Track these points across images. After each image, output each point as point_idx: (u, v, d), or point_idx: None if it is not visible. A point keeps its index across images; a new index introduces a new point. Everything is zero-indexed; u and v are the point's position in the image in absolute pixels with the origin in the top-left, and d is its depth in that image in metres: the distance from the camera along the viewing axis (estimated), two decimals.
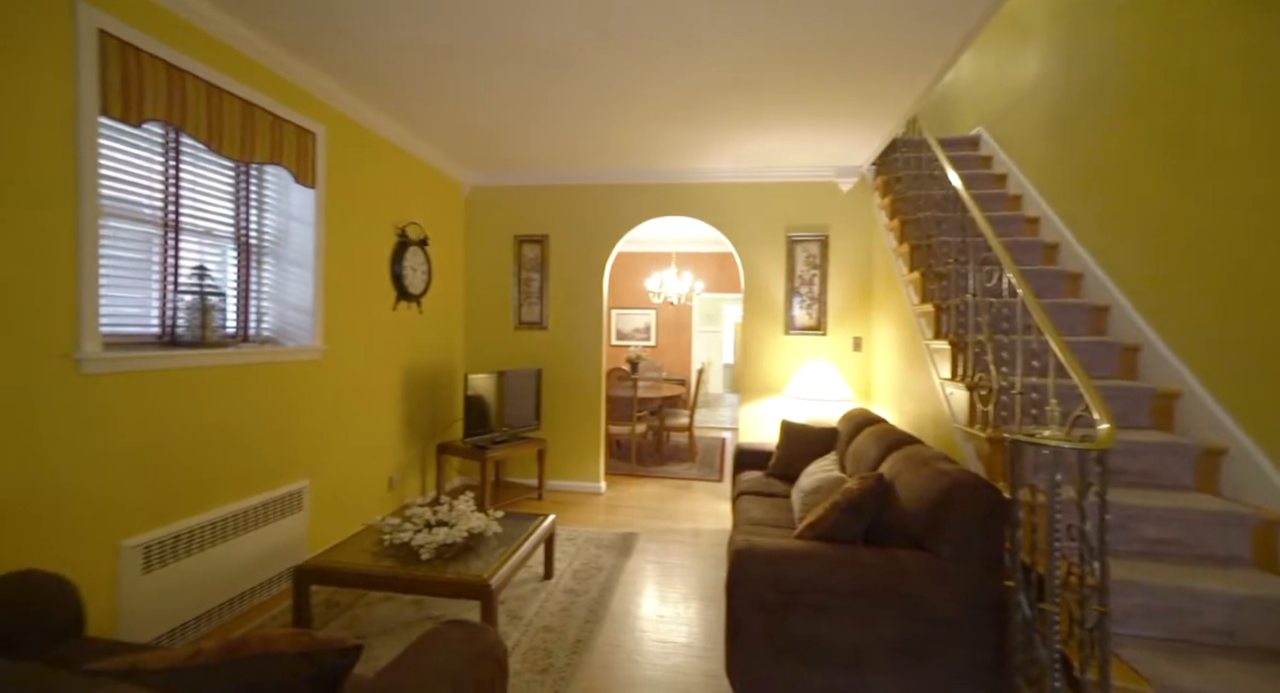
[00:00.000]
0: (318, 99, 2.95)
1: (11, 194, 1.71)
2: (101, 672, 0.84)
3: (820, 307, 4.24)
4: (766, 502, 2.99)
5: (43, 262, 1.80)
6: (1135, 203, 2.73)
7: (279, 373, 2.75)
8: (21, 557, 1.72)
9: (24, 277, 1.75)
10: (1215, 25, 2.33)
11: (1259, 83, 2.11)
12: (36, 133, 1.78)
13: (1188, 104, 2.44)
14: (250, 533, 2.52)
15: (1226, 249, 2.22)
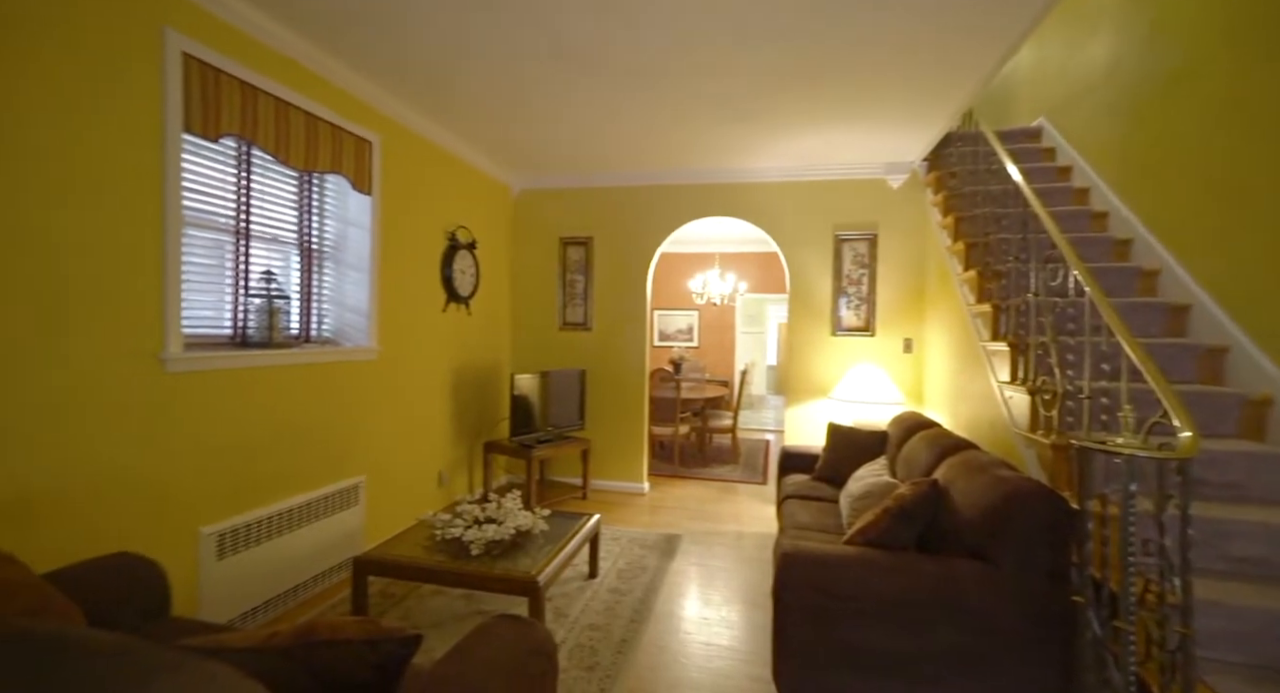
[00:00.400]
0: (374, 109, 3.08)
1: (108, 207, 1.86)
2: (191, 648, 0.91)
3: (869, 307, 4.13)
4: (813, 506, 2.93)
5: (134, 268, 1.94)
6: (1223, 195, 2.54)
7: (338, 372, 2.88)
8: (115, 540, 1.86)
9: (118, 282, 1.89)
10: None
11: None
12: (129, 150, 1.92)
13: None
14: (312, 525, 2.65)
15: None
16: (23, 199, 1.65)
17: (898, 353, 4.10)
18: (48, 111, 1.70)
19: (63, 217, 1.75)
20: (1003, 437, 2.60)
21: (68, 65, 1.75)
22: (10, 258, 1.63)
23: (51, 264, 1.72)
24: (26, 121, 1.65)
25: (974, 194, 3.34)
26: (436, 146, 3.66)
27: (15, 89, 1.62)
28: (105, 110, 1.85)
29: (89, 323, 1.82)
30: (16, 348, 1.64)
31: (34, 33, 1.66)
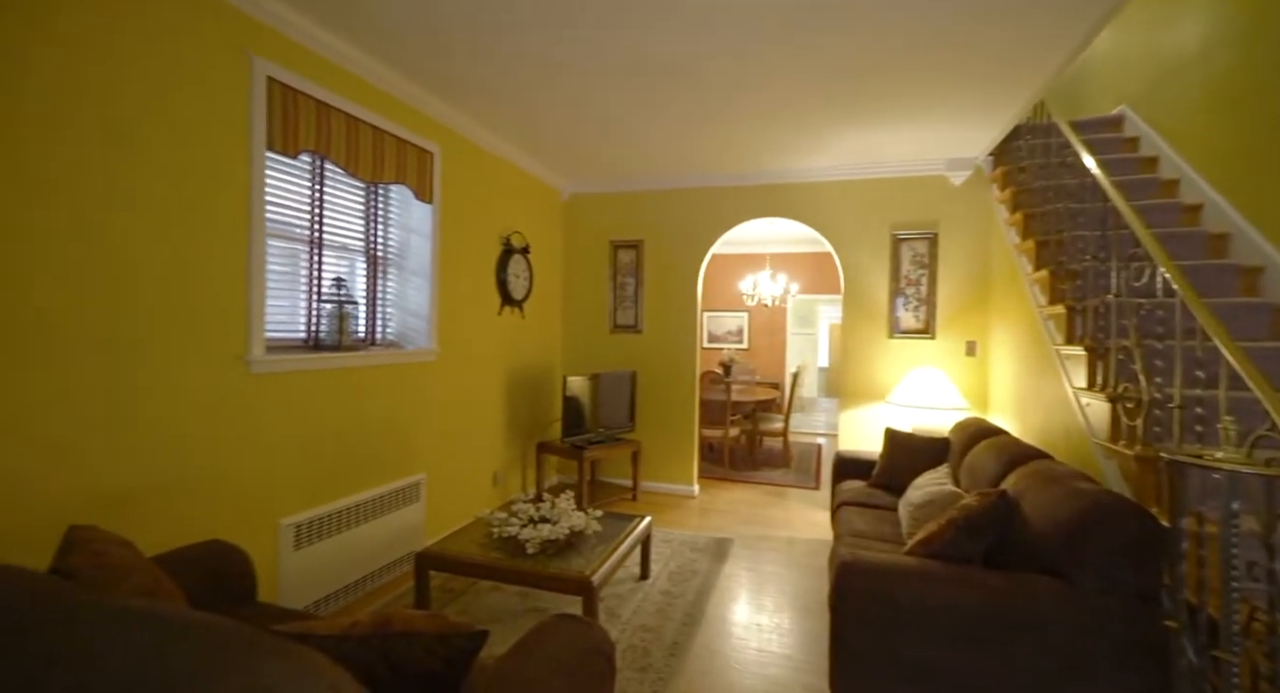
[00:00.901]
0: (435, 121, 3.20)
1: (205, 221, 2.01)
2: (286, 633, 0.97)
3: (928, 308, 3.98)
4: (870, 514, 2.85)
5: (225, 277, 2.10)
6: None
7: (400, 373, 3.01)
8: (205, 530, 2.01)
9: (211, 290, 2.05)
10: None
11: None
12: (220, 168, 2.08)
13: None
14: (377, 519, 2.78)
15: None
16: (139, 218, 1.81)
17: (960, 356, 3.92)
18: (157, 134, 1.86)
19: (169, 231, 1.90)
20: (1078, 446, 2.44)
21: (173, 92, 1.90)
22: (124, 271, 1.78)
23: (157, 275, 1.88)
24: (140, 144, 1.81)
25: (1045, 189, 3.17)
26: (491, 154, 3.77)
27: (128, 114, 1.78)
28: (203, 131, 2.01)
29: (186, 328, 1.97)
30: (125, 352, 1.80)
31: (144, 65, 1.82)
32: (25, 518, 1.58)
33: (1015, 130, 3.46)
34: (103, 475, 1.75)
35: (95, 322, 1.73)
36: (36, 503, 1.61)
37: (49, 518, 1.62)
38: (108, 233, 1.75)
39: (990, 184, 3.79)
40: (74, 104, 1.66)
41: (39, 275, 1.60)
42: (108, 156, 1.75)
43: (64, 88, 1.64)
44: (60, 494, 1.65)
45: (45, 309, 1.61)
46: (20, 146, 1.56)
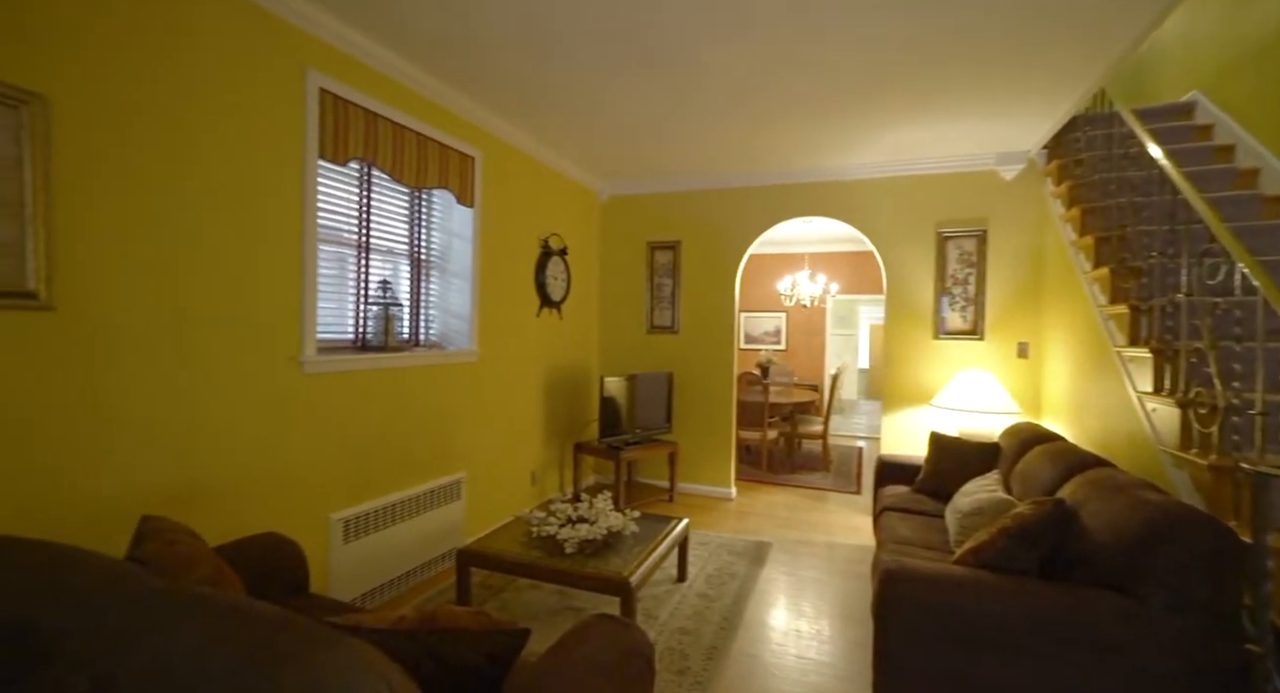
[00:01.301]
0: (476, 127, 3.27)
1: (261, 226, 2.11)
2: (337, 625, 1.01)
3: (976, 308, 3.83)
4: (915, 520, 2.76)
5: (280, 280, 2.19)
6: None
7: (442, 374, 3.09)
8: (260, 523, 2.10)
9: (268, 293, 2.14)
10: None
11: None
12: (276, 176, 2.17)
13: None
14: (420, 516, 2.85)
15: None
16: (199, 224, 1.91)
17: (1010, 358, 3.76)
18: (218, 145, 1.96)
19: (228, 237, 2.00)
20: (1144, 455, 2.31)
21: (234, 105, 2.00)
22: (185, 275, 1.89)
23: (216, 279, 1.98)
24: (202, 155, 1.91)
25: (1106, 182, 3.00)
26: (531, 158, 3.83)
27: (192, 124, 1.88)
28: (260, 141, 2.10)
29: (244, 330, 2.07)
30: (187, 354, 1.90)
31: (209, 80, 1.92)
32: (100, 510, 1.69)
33: (1073, 121, 3.30)
34: (167, 471, 1.85)
35: (159, 325, 1.83)
36: (110, 496, 1.71)
37: (122, 510, 1.72)
38: (171, 240, 1.86)
39: (1044, 178, 3.63)
40: (144, 117, 1.77)
41: (110, 281, 1.71)
42: (173, 169, 1.85)
43: (135, 103, 1.74)
44: (130, 488, 1.76)
45: (112, 312, 1.72)
46: (95, 162, 1.66)
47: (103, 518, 1.68)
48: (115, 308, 1.70)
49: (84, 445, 1.64)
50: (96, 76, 1.65)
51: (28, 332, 1.54)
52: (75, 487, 1.63)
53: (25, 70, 1.51)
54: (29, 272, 1.53)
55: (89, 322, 1.65)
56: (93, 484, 1.67)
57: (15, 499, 1.52)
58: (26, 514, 1.53)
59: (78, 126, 1.61)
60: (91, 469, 1.66)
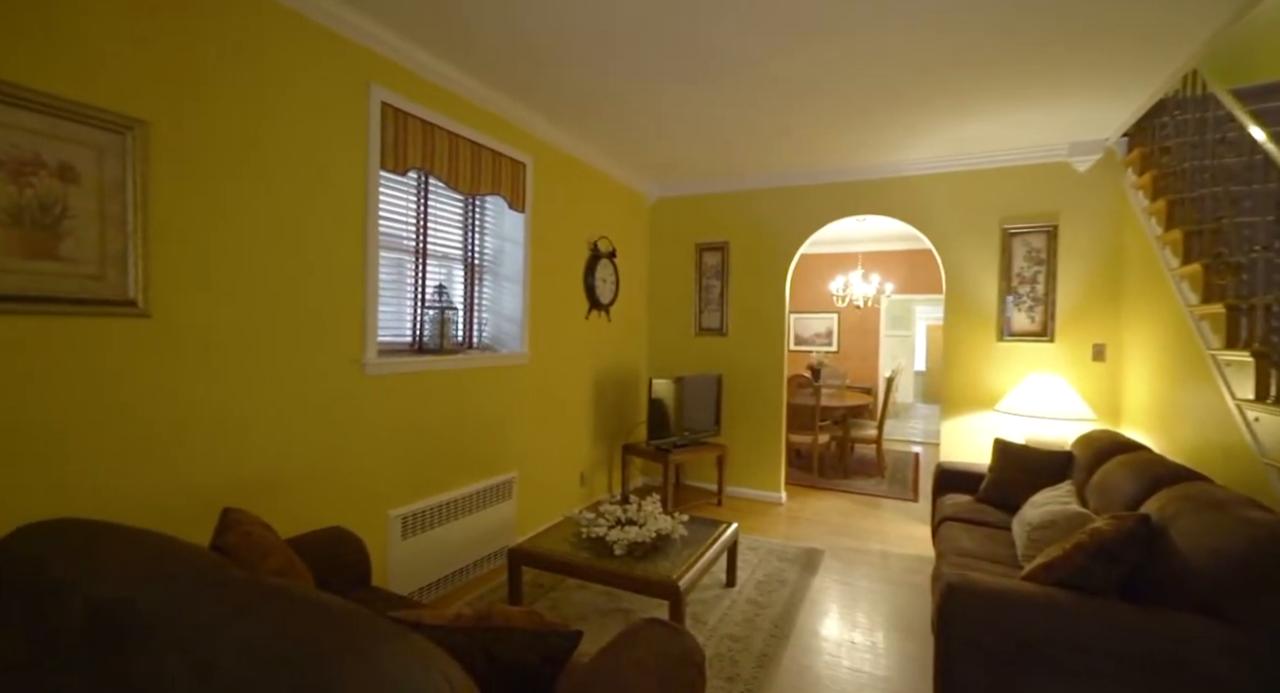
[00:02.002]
0: (528, 133, 3.34)
1: (329, 235, 2.23)
2: (399, 620, 1.05)
3: (1045, 309, 3.61)
4: (978, 532, 2.62)
5: (345, 285, 2.30)
6: None
7: (495, 376, 3.16)
8: (326, 517, 2.21)
9: (334, 298, 2.26)
10: None
11: None
12: (342, 189, 2.29)
13: None
14: (473, 515, 2.93)
15: None
16: (272, 235, 2.03)
17: (1084, 361, 3.53)
18: (288, 158, 2.08)
19: (297, 246, 2.12)
20: (1244, 469, 2.11)
21: (303, 120, 2.12)
22: (258, 282, 2.01)
23: (286, 285, 2.10)
24: (273, 167, 2.04)
25: (1198, 171, 2.77)
26: (580, 162, 3.88)
27: (266, 142, 2.01)
28: (326, 154, 2.22)
29: (311, 333, 2.18)
30: (260, 357, 2.03)
31: (280, 97, 2.04)
32: (183, 499, 1.82)
33: (1158, 106, 3.06)
34: (239, 465, 1.97)
35: (234, 329, 1.95)
36: (190, 486, 1.84)
37: (201, 500, 1.85)
38: (245, 250, 1.98)
39: (1124, 169, 3.38)
40: (224, 136, 1.90)
41: (192, 289, 1.83)
42: (248, 184, 1.97)
43: (217, 124, 1.87)
44: (207, 480, 1.88)
45: (194, 318, 1.84)
46: (183, 179, 1.80)
47: (185, 506, 1.81)
48: (197, 314, 1.83)
49: (170, 439, 1.78)
50: (187, 100, 1.78)
51: (129, 337, 1.67)
52: (162, 476, 1.76)
53: (131, 98, 1.65)
54: (130, 282, 1.67)
55: (176, 327, 1.78)
56: (176, 475, 1.80)
57: (113, 485, 1.65)
58: (121, 500, 1.67)
59: (170, 147, 1.75)
60: (175, 461, 1.79)
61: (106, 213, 1.63)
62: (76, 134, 1.57)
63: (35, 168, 1.51)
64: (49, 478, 1.54)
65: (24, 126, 1.48)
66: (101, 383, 1.63)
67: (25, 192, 1.49)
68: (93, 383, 1.61)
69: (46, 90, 1.50)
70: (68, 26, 1.54)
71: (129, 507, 1.68)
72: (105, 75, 1.61)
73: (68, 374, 1.56)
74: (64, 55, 1.53)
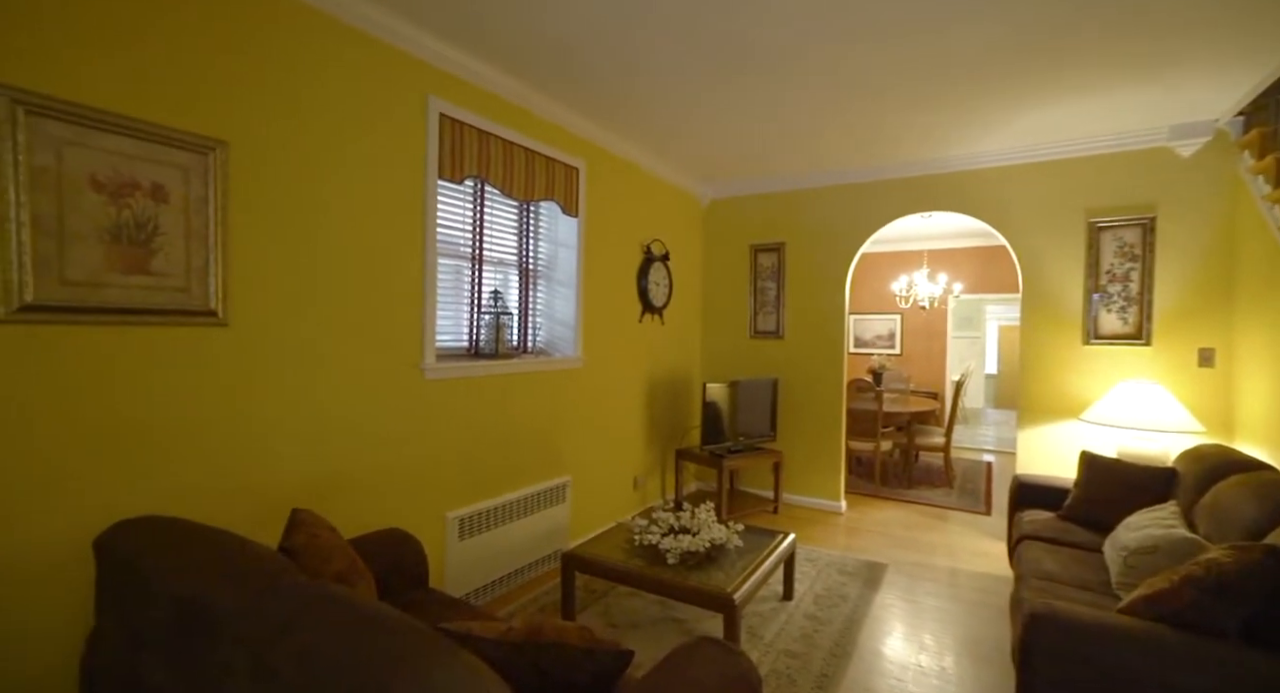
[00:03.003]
0: (580, 138, 3.35)
1: (391, 242, 2.30)
2: (452, 632, 1.04)
3: (1140, 309, 3.29)
4: (1064, 553, 2.41)
5: (404, 292, 2.37)
6: None
7: (549, 380, 3.19)
8: (386, 518, 2.28)
9: (392, 304, 2.33)
10: None
11: None
12: (402, 199, 2.35)
13: None
14: (528, 517, 2.96)
15: None
16: (336, 244, 2.12)
17: (1188, 367, 3.19)
18: (354, 171, 2.16)
19: (361, 255, 2.20)
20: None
21: (367, 133, 2.20)
22: (322, 288, 2.09)
23: (350, 291, 2.18)
24: (339, 183, 2.12)
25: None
26: (632, 165, 3.86)
27: (332, 157, 2.09)
28: (388, 165, 2.29)
29: (373, 338, 2.26)
30: (324, 361, 2.11)
31: (346, 112, 2.13)
32: (254, 499, 1.91)
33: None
34: (306, 466, 2.05)
35: (302, 336, 2.04)
36: (261, 486, 1.93)
37: (270, 499, 1.94)
38: (312, 261, 2.07)
39: (1239, 152, 3.03)
40: (295, 153, 1.98)
41: (265, 299, 1.93)
42: (316, 198, 2.06)
43: (288, 141, 1.96)
44: (277, 480, 1.97)
45: (267, 327, 1.94)
46: (257, 195, 1.89)
47: (256, 505, 1.90)
48: (269, 323, 1.93)
49: (244, 441, 1.87)
50: (260, 121, 1.88)
51: (209, 344, 1.78)
52: (235, 475, 1.85)
53: (212, 120, 1.76)
54: (210, 293, 1.77)
55: (250, 335, 1.87)
56: (249, 474, 1.89)
57: (192, 482, 1.76)
58: (200, 496, 1.77)
59: (246, 166, 1.84)
60: (249, 461, 1.89)
61: (191, 229, 1.73)
62: (167, 156, 1.68)
63: (132, 189, 1.62)
64: (139, 474, 1.65)
65: (123, 152, 1.59)
66: (185, 387, 1.73)
67: (124, 212, 1.61)
68: (178, 387, 1.72)
69: (142, 116, 1.61)
70: (161, 57, 1.65)
71: (206, 503, 1.78)
72: (192, 100, 1.71)
73: (156, 379, 1.67)
74: (157, 83, 1.64)
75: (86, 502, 1.54)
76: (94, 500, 1.56)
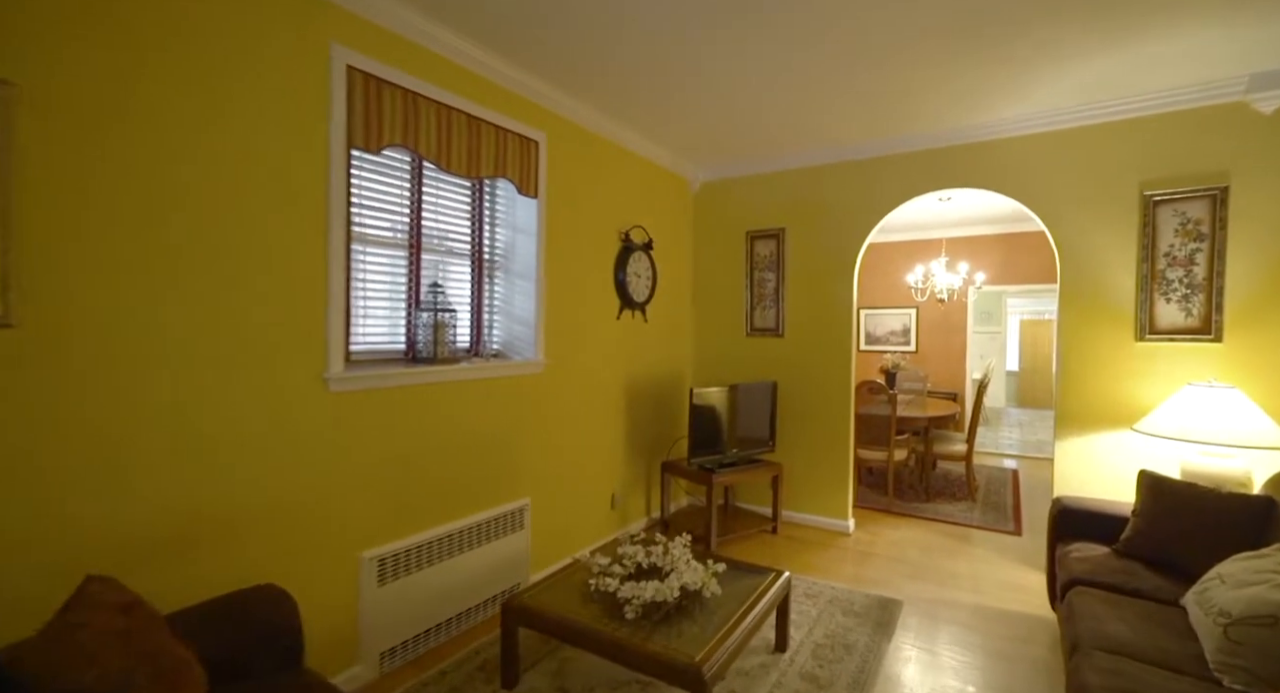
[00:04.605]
0: (539, 106, 2.88)
1: (277, 229, 1.85)
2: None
3: (1207, 298, 2.76)
4: (1131, 608, 1.90)
5: (301, 288, 1.92)
6: None
7: (504, 387, 2.73)
8: (274, 567, 1.83)
9: (286, 300, 1.88)
10: None
11: None
12: (296, 172, 1.90)
13: None
14: (474, 550, 2.51)
15: None
16: (204, 226, 1.67)
17: (1271, 368, 2.65)
18: (225, 137, 1.71)
19: (235, 241, 1.75)
20: None
21: (246, 91, 1.75)
22: (181, 283, 1.65)
23: (220, 285, 1.73)
24: (205, 149, 1.67)
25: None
26: (607, 141, 3.38)
27: (192, 115, 1.64)
28: (274, 132, 1.84)
29: (258, 344, 1.81)
30: (189, 367, 1.66)
31: (214, 61, 1.68)
32: (45, 563, 1.46)
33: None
34: (154, 507, 1.61)
35: (148, 343, 1.60)
36: (62, 547, 1.49)
37: (68, 565, 1.50)
38: (164, 247, 1.62)
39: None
40: (134, 109, 1.54)
41: (85, 293, 1.49)
42: (168, 167, 1.61)
43: (123, 93, 1.52)
44: (112, 528, 1.53)
45: (88, 327, 1.50)
46: (70, 157, 1.45)
47: (41, 571, 1.46)
48: (99, 326, 1.48)
49: (27, 481, 1.43)
50: (76, 63, 1.43)
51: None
52: (14, 529, 1.41)
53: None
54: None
55: (61, 340, 1.43)
56: (34, 527, 1.45)
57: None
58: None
59: (49, 118, 1.40)
60: (35, 510, 1.45)
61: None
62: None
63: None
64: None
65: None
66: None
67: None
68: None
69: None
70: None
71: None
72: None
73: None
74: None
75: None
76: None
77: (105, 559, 1.49)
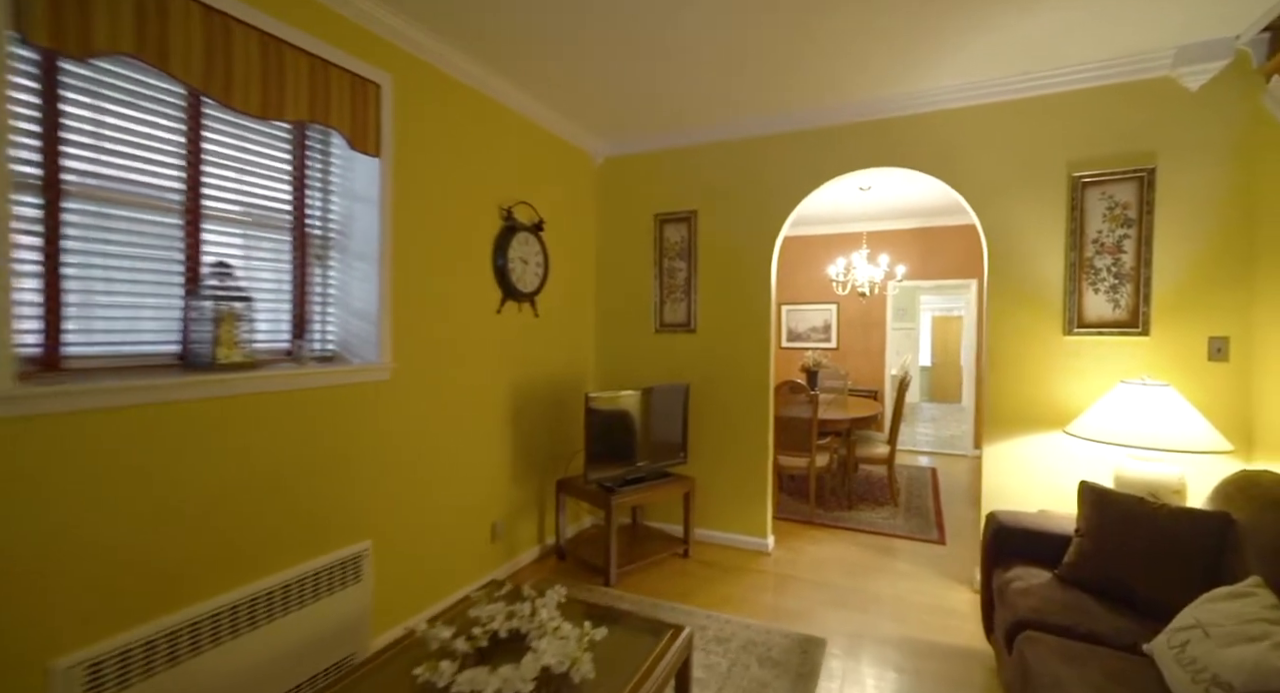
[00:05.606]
0: (381, 38, 2.26)
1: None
2: None
3: (1135, 288, 2.56)
4: (1093, 661, 1.56)
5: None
6: None
7: (332, 399, 2.10)
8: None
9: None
10: None
11: None
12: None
13: None
14: (283, 619, 1.86)
15: None
16: None
17: (1195, 361, 2.48)
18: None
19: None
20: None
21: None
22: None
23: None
24: None
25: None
26: (485, 97, 2.80)
27: None
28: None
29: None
30: None
31: None
32: None
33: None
34: None
35: None
36: None
37: None
38: None
39: (1263, 80, 2.32)
40: None
41: None
42: None
43: None
44: None
45: None
46: None
47: None
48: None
49: None
50: None
51: None
52: None
53: None
54: None
55: None
56: None
57: None
58: None
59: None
60: None
61: None
62: None
63: None
64: None
65: None
66: None
67: None
68: None
69: None
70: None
71: None
72: None
73: None
74: None
75: None
76: None
77: None
